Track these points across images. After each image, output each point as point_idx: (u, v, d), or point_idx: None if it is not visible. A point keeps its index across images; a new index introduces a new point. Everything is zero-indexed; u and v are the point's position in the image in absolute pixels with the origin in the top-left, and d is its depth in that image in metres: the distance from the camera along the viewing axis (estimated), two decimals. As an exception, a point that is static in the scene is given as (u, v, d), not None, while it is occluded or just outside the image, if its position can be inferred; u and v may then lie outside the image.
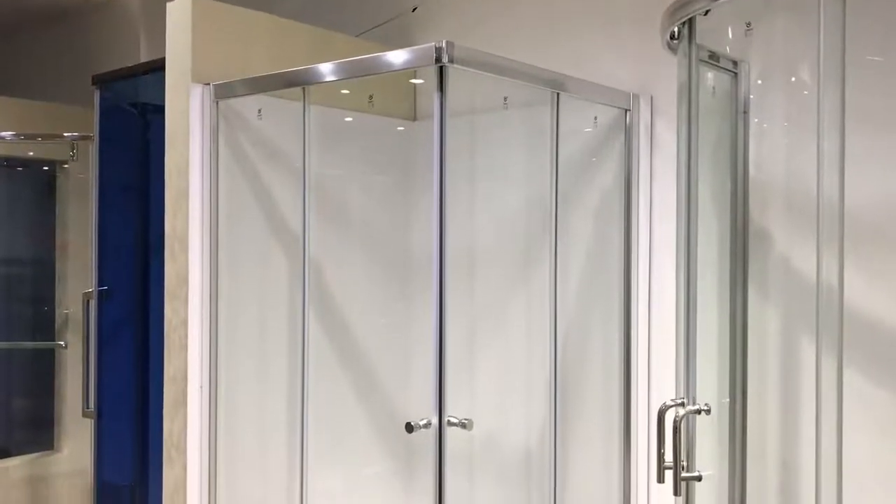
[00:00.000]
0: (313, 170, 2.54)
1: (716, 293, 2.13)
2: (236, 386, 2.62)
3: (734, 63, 2.14)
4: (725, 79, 2.14)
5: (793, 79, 2.11)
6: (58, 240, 4.19)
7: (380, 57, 2.22)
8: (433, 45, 2.04)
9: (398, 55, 2.17)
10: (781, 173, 2.15)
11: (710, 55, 2.04)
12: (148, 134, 3.19)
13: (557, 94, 2.40)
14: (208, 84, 2.52)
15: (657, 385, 2.52)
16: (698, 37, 1.88)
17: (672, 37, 1.96)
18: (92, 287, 3.30)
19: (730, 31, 2.12)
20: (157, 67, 2.66)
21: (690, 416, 1.85)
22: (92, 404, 3.31)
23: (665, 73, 2.36)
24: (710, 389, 2.06)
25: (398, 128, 3.06)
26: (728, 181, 2.15)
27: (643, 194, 2.53)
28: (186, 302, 2.50)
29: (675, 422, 1.81)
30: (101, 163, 3.29)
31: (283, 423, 2.69)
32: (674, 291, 1.96)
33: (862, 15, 1.77)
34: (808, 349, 2.03)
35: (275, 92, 2.51)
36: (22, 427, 4.35)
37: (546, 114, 2.42)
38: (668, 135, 2.47)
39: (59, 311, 4.18)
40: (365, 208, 2.99)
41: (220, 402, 2.58)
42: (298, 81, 2.41)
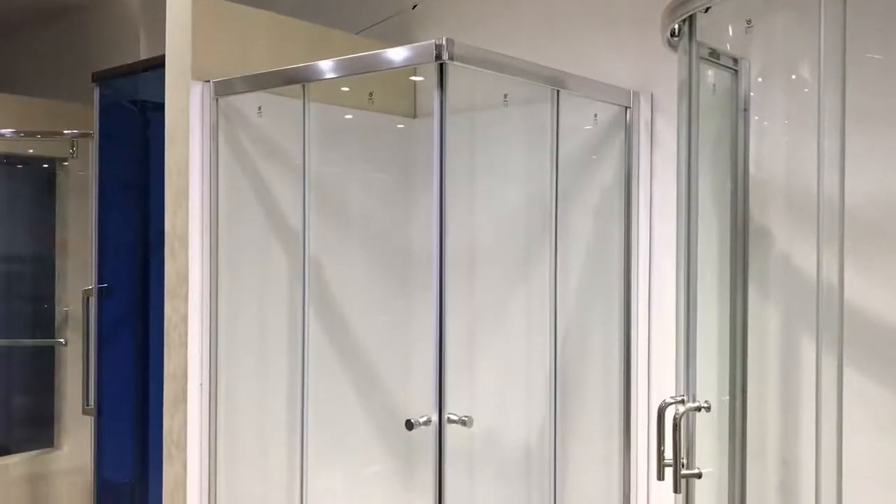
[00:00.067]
0: (313, 167, 2.54)
1: (716, 291, 2.13)
2: (236, 384, 2.62)
3: (734, 60, 2.14)
4: (726, 76, 2.14)
5: (793, 77, 2.11)
6: (58, 237, 4.18)
7: (380, 54, 2.22)
8: (433, 42, 2.04)
9: (398, 52, 2.17)
10: (782, 171, 2.14)
11: (710, 53, 2.04)
12: (148, 131, 3.18)
13: (557, 92, 2.40)
14: (208, 81, 2.52)
15: (657, 382, 2.52)
16: (699, 34, 1.88)
17: (672, 34, 1.96)
18: (92, 284, 3.29)
19: (730, 29, 2.12)
20: (157, 64, 2.65)
21: (690, 413, 1.85)
22: (92, 402, 3.31)
23: (665, 71, 2.36)
24: (710, 387, 2.06)
25: (398, 125, 3.05)
26: (728, 179, 2.15)
27: (643, 192, 2.53)
28: (186, 299, 2.50)
29: (675, 419, 1.81)
30: (101, 160, 3.28)
31: (283, 420, 2.69)
32: (674, 289, 1.96)
33: (862, 13, 1.76)
34: (808, 347, 2.03)
35: (275, 89, 2.51)
36: (22, 424, 4.34)
37: (546, 111, 2.41)
38: (668, 132, 2.47)
39: (59, 309, 4.18)
40: (365, 206, 2.99)
41: (220, 400, 2.58)
42: (298, 79, 2.41)
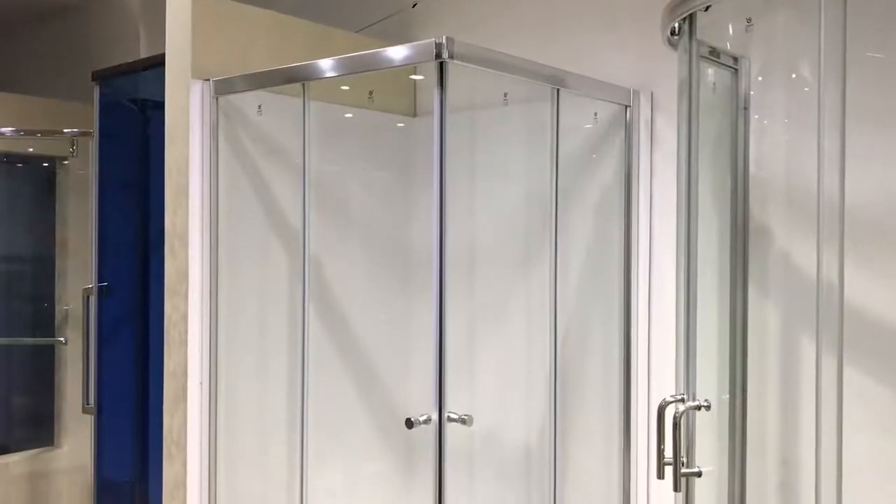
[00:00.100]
0: (313, 166, 2.54)
1: (716, 290, 2.13)
2: (236, 382, 2.62)
3: (735, 59, 2.14)
4: (726, 75, 2.14)
5: (793, 75, 2.10)
6: (58, 236, 4.18)
7: (380, 53, 2.22)
8: (433, 40, 2.04)
9: (398, 51, 2.16)
10: (782, 170, 2.14)
11: (710, 51, 2.04)
12: (148, 130, 3.18)
13: (557, 91, 2.40)
14: (208, 80, 2.52)
15: (657, 381, 2.52)
16: (699, 33, 1.88)
17: (672, 33, 1.95)
18: (92, 283, 3.29)
19: (730, 27, 2.12)
20: (157, 63, 2.65)
21: (690, 412, 1.85)
22: (92, 400, 3.31)
23: (665, 70, 2.35)
24: (710, 385, 2.06)
25: (398, 124, 3.05)
26: (728, 178, 2.14)
27: (643, 191, 2.53)
28: (186, 298, 2.50)
29: (675, 418, 1.81)
30: (101, 159, 3.28)
31: (283, 419, 2.69)
32: (674, 288, 1.96)
33: (862, 12, 1.76)
34: (808, 346, 2.03)
35: (275, 88, 2.51)
36: (22, 423, 4.34)
37: (546, 110, 2.41)
38: (668, 131, 2.47)
39: (59, 308, 4.17)
40: (365, 204, 2.99)
41: (220, 399, 2.58)
42: (298, 77, 2.41)
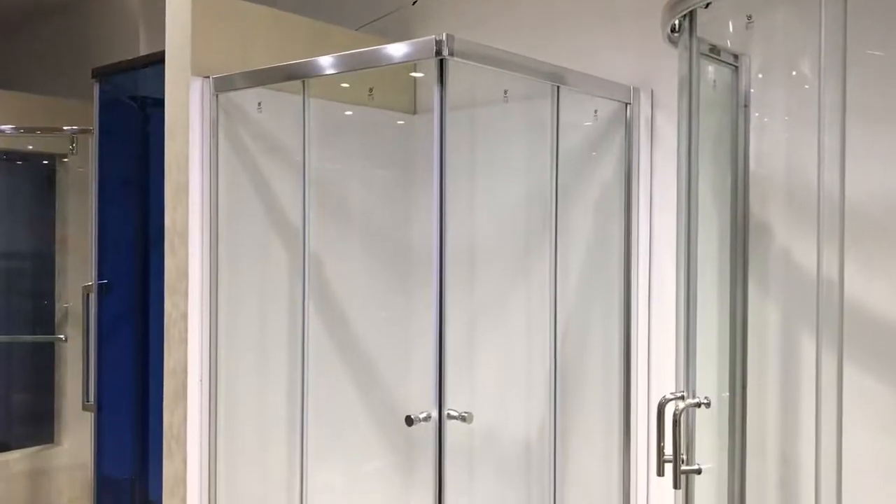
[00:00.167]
0: (313, 163, 2.54)
1: (716, 287, 2.13)
2: (236, 379, 2.63)
3: (735, 56, 2.14)
4: (726, 72, 2.14)
5: (794, 73, 2.10)
6: (57, 233, 4.18)
7: (380, 50, 2.22)
8: (433, 38, 2.03)
9: (398, 48, 2.16)
10: (782, 168, 2.14)
11: (710, 48, 2.03)
12: (147, 127, 3.18)
13: (558, 88, 2.39)
14: (208, 77, 2.52)
15: (657, 378, 2.52)
16: (699, 30, 1.87)
17: (672, 30, 1.95)
18: (92, 281, 3.30)
19: (730, 25, 2.12)
20: (157, 60, 2.65)
21: (690, 409, 1.85)
22: (92, 398, 3.31)
23: (665, 67, 2.35)
24: (710, 383, 2.06)
25: (398, 121, 3.05)
26: (728, 175, 2.14)
27: (643, 188, 2.53)
28: (186, 295, 2.50)
29: (674, 415, 1.81)
30: (101, 156, 3.28)
31: (283, 416, 2.69)
32: (674, 285, 1.96)
33: (863, 9, 1.76)
34: (808, 344, 2.03)
35: (275, 85, 2.51)
36: (22, 420, 4.35)
37: (546, 107, 2.41)
38: (668, 128, 2.46)
39: (59, 305, 4.18)
40: (365, 202, 2.99)
41: (220, 396, 2.58)
42: (298, 74, 2.41)
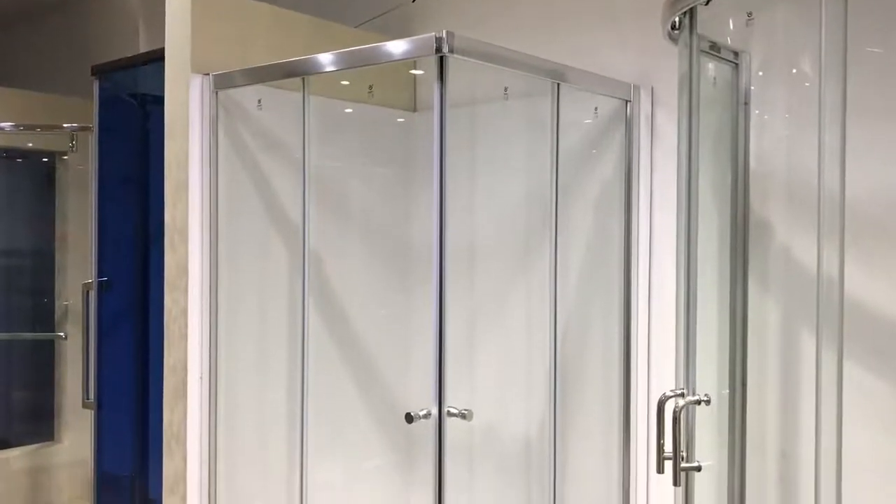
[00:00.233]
0: (313, 161, 2.54)
1: (716, 285, 2.13)
2: (236, 377, 2.63)
3: (735, 54, 2.14)
4: (726, 70, 2.13)
5: (794, 70, 2.10)
6: (57, 231, 4.19)
7: (380, 47, 2.21)
8: (433, 35, 2.03)
9: (398, 45, 2.16)
10: (782, 165, 2.14)
11: (710, 46, 2.03)
12: (147, 124, 3.18)
13: (558, 85, 2.39)
14: (208, 74, 2.51)
15: (657, 376, 2.52)
16: (699, 27, 1.87)
17: (673, 27, 1.95)
18: (92, 278, 3.30)
19: (731, 22, 2.11)
20: (157, 58, 2.65)
21: (690, 406, 1.85)
22: (92, 395, 3.32)
23: (666, 64, 2.35)
24: (710, 380, 2.06)
25: (398, 119, 3.05)
26: (729, 173, 2.14)
27: (643, 186, 2.53)
28: (186, 292, 2.50)
29: (674, 412, 1.81)
30: (101, 154, 3.28)
31: (283, 413, 2.69)
32: (674, 282, 1.96)
33: (863, 7, 1.76)
34: (808, 341, 2.03)
35: (274, 82, 2.50)
36: (22, 418, 4.35)
37: (546, 105, 2.41)
38: (668, 126, 2.46)
39: (59, 303, 4.18)
40: (365, 199, 2.99)
41: (220, 393, 2.58)
42: (298, 72, 2.40)
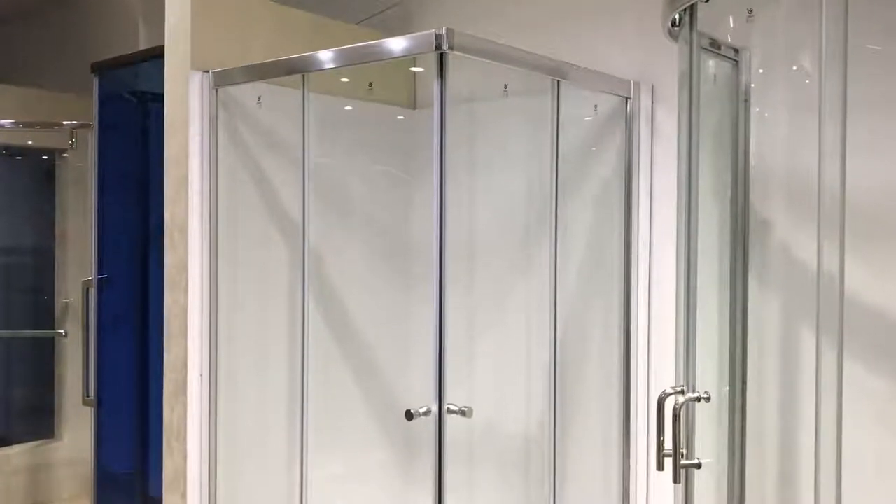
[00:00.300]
0: (313, 158, 2.54)
1: (716, 281, 2.13)
2: (236, 374, 2.63)
3: (735, 51, 2.13)
4: (726, 66, 2.13)
5: (794, 67, 2.10)
6: (57, 228, 4.19)
7: (380, 44, 2.21)
8: (433, 32, 2.03)
9: (398, 42, 2.16)
10: (782, 162, 2.14)
11: (711, 43, 2.03)
12: (147, 122, 3.18)
13: (558, 82, 2.39)
14: (207, 71, 2.51)
15: (657, 373, 2.52)
16: (699, 24, 1.87)
17: (673, 24, 1.95)
18: (92, 275, 3.30)
19: (731, 19, 2.11)
20: (157, 55, 2.65)
21: (690, 403, 1.85)
22: (92, 393, 3.32)
23: (666, 61, 2.35)
24: (710, 377, 2.06)
25: (398, 116, 3.05)
26: (729, 170, 2.14)
27: (643, 183, 2.53)
28: (186, 290, 2.50)
29: (674, 409, 1.81)
30: (101, 151, 3.28)
31: (283, 411, 2.69)
32: (674, 279, 1.96)
33: (863, 4, 1.76)
34: (808, 338, 2.03)
35: (274, 79, 2.50)
36: (22, 415, 4.36)
37: (546, 102, 2.41)
38: (668, 123, 2.46)
39: (59, 300, 4.18)
40: (365, 197, 2.99)
41: (220, 391, 2.58)
42: (298, 69, 2.40)
